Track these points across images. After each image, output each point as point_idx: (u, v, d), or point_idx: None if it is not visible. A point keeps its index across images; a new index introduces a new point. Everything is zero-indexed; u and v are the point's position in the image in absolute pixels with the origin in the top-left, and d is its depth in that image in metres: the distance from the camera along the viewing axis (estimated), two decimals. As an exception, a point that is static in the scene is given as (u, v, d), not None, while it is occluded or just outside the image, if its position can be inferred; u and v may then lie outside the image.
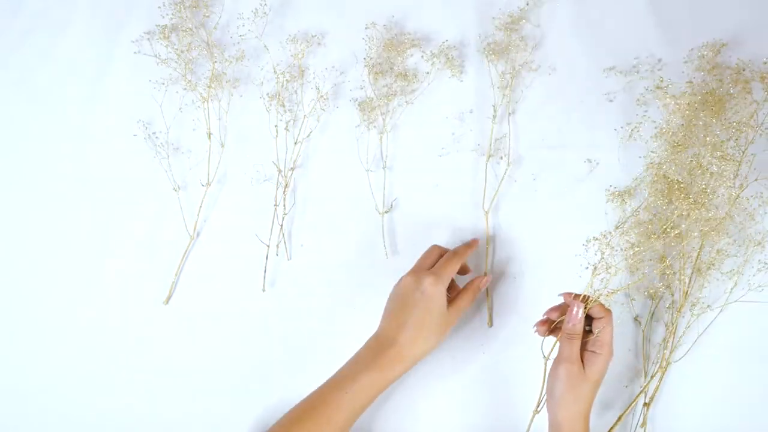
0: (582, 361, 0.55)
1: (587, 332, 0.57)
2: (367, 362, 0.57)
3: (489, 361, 0.67)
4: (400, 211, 0.73)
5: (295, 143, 0.75)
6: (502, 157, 0.73)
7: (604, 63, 0.74)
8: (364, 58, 0.76)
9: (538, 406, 0.59)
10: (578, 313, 0.55)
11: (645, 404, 0.63)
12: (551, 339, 0.59)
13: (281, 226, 0.72)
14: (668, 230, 0.58)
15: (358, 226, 0.72)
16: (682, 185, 0.60)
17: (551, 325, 0.59)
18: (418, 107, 0.76)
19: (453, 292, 0.64)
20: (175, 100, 0.78)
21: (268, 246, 0.71)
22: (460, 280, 0.67)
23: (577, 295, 0.57)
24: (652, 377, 0.63)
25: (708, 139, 0.63)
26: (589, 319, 0.57)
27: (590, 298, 0.56)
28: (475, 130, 0.74)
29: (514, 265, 0.69)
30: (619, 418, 0.62)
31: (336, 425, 0.56)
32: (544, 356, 0.58)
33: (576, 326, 0.55)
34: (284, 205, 0.73)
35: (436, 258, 0.63)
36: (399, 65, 0.76)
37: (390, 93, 0.75)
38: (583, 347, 0.56)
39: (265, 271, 0.71)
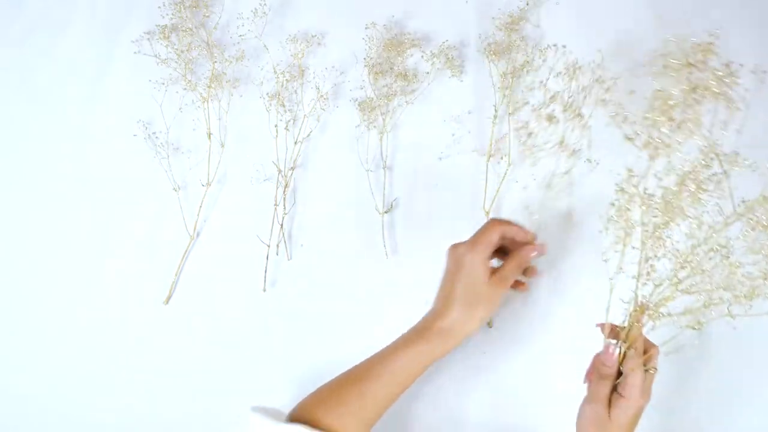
0: (610, 402, 0.50)
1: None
2: (416, 335, 0.56)
3: (489, 361, 0.67)
4: (400, 211, 0.73)
5: (295, 143, 0.75)
6: (502, 158, 0.73)
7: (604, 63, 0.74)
8: (364, 58, 0.76)
9: None
10: (613, 353, 0.50)
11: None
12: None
13: (281, 225, 0.72)
14: None
15: (358, 226, 0.72)
16: None
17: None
18: (418, 107, 0.76)
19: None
20: (175, 100, 0.78)
21: (269, 246, 0.71)
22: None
23: (614, 327, 0.52)
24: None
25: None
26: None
27: (629, 334, 0.50)
28: (474, 131, 0.74)
29: (514, 265, 0.69)
30: None
31: (375, 398, 0.54)
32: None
33: (609, 368, 0.51)
34: (284, 205, 0.73)
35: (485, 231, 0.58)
36: (399, 65, 0.76)
37: (390, 93, 0.75)
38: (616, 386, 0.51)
39: (265, 271, 0.71)
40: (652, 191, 0.51)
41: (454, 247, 0.58)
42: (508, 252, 0.60)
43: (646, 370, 0.51)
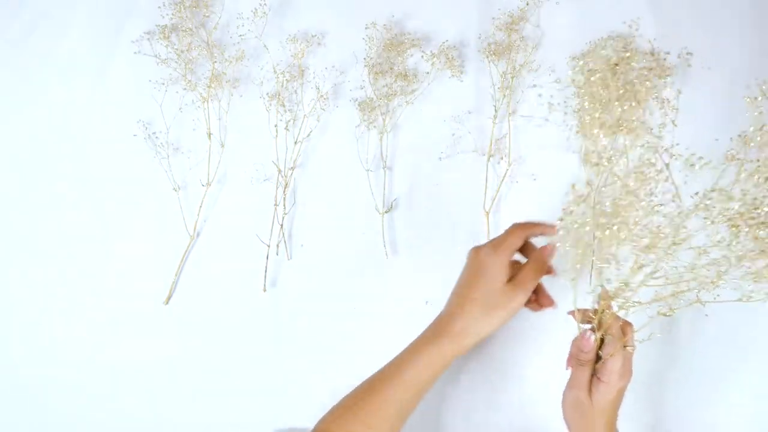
0: (591, 388, 0.51)
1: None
2: (429, 339, 0.56)
3: (487, 360, 0.67)
4: (400, 211, 0.73)
5: (295, 143, 0.75)
6: (502, 158, 0.73)
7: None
8: (364, 58, 0.76)
9: None
10: (589, 340, 0.51)
11: None
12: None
13: (281, 225, 0.72)
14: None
15: (358, 226, 0.72)
16: None
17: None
18: (418, 107, 0.76)
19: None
20: (175, 100, 0.78)
21: (269, 246, 0.71)
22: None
23: (585, 312, 0.52)
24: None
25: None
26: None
27: (602, 321, 0.50)
28: (474, 131, 0.74)
29: (514, 265, 0.69)
30: None
31: (397, 403, 0.53)
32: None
33: (587, 354, 0.51)
34: (284, 205, 0.73)
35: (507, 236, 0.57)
36: (399, 65, 0.76)
37: (390, 93, 0.75)
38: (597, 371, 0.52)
39: (265, 271, 0.71)
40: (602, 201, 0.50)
41: (477, 250, 0.57)
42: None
43: (624, 348, 0.51)
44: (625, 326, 0.52)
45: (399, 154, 0.75)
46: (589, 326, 0.52)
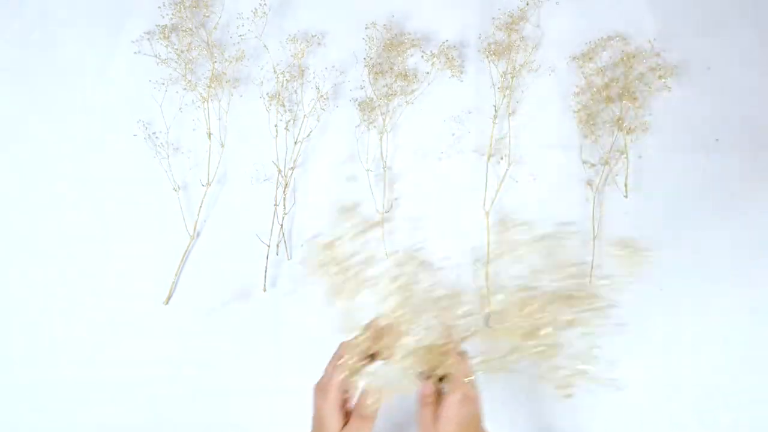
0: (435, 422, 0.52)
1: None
2: None
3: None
4: (400, 211, 0.73)
5: (295, 143, 0.75)
6: (502, 158, 0.73)
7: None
8: (364, 58, 0.76)
9: None
10: (425, 389, 0.53)
11: None
12: None
13: (281, 225, 0.72)
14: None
15: (357, 226, 0.72)
16: None
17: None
18: (418, 107, 0.76)
19: None
20: (175, 100, 0.78)
21: (269, 246, 0.71)
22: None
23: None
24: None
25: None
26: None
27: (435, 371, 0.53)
28: (474, 131, 0.74)
29: (514, 265, 0.69)
30: None
31: None
32: None
33: (429, 397, 0.53)
34: (284, 205, 0.73)
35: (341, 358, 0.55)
36: (399, 65, 0.76)
37: (390, 93, 0.75)
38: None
39: (265, 271, 0.71)
40: None
41: (314, 391, 0.55)
42: None
43: (463, 379, 0.53)
44: (461, 358, 0.53)
45: (399, 154, 0.75)
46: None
